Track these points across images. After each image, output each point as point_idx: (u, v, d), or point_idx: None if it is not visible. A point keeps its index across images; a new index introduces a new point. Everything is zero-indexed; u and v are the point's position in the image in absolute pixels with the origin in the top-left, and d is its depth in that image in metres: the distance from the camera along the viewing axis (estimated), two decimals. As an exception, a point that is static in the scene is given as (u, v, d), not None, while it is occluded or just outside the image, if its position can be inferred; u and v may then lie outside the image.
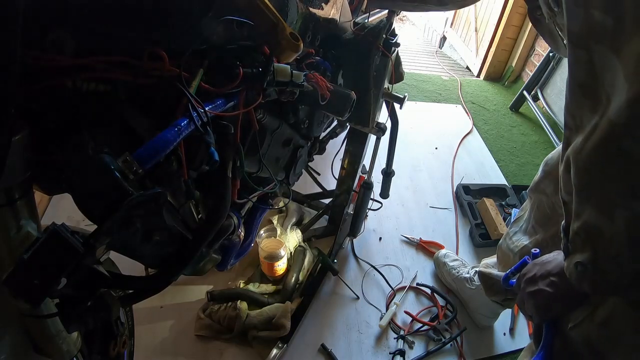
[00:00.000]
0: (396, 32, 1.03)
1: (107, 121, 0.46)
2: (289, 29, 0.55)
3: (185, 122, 0.45)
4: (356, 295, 1.35)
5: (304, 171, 1.10)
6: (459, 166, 2.04)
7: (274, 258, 1.26)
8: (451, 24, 3.58)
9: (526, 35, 2.73)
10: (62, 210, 1.41)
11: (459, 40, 3.47)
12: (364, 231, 1.54)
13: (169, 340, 1.15)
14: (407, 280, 1.43)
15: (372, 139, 1.17)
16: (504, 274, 0.72)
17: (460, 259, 1.44)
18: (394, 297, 1.36)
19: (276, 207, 1.28)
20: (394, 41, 0.99)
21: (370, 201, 1.43)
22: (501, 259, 1.16)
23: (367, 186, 1.30)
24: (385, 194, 1.38)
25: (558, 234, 0.52)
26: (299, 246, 1.38)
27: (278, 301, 1.21)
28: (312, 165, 1.47)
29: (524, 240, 1.04)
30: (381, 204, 1.56)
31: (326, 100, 0.72)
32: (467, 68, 3.30)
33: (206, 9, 0.47)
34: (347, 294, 1.35)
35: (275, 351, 1.12)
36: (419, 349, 1.23)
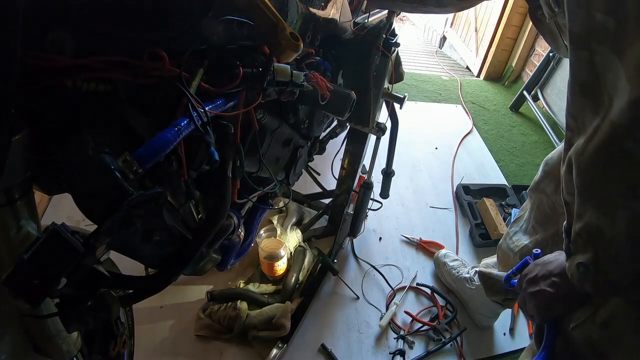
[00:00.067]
0: (396, 32, 1.03)
1: (107, 121, 0.46)
2: (289, 28, 0.55)
3: (185, 122, 0.45)
4: (356, 295, 1.35)
5: (304, 171, 1.10)
6: (459, 166, 2.04)
7: (274, 258, 1.26)
8: (451, 24, 3.58)
9: (526, 35, 2.73)
10: (62, 210, 1.41)
11: (459, 40, 3.47)
12: (364, 231, 1.54)
13: (169, 340, 1.15)
14: (407, 280, 1.43)
15: (372, 139, 1.17)
16: (505, 274, 0.72)
17: (460, 259, 1.44)
18: (394, 297, 1.36)
19: (276, 207, 1.28)
20: (394, 41, 0.99)
21: (370, 201, 1.43)
22: (501, 259, 1.16)
23: (367, 186, 1.30)
24: (385, 194, 1.38)
25: (558, 234, 0.52)
26: (299, 246, 1.38)
27: (278, 301, 1.21)
28: (312, 165, 1.47)
29: (524, 240, 1.04)
30: (381, 204, 1.56)
31: (326, 100, 0.72)
32: (467, 68, 3.30)
33: (206, 9, 0.47)
34: (347, 294, 1.35)
35: (275, 351, 1.12)
36: (419, 349, 1.23)
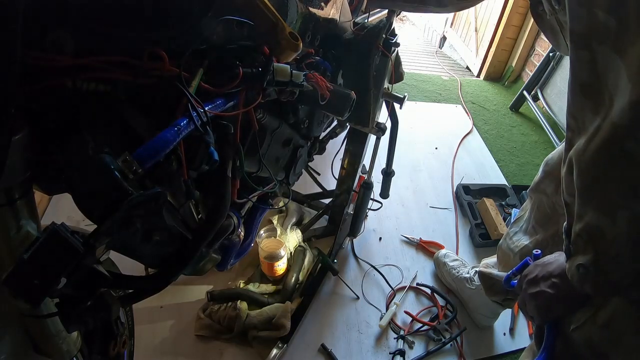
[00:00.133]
0: (396, 32, 1.03)
1: (107, 121, 0.46)
2: (288, 28, 0.55)
3: (185, 121, 0.45)
4: (356, 295, 1.35)
5: (304, 171, 1.10)
6: (459, 166, 2.04)
7: (274, 258, 1.26)
8: (451, 24, 3.58)
9: (526, 35, 2.73)
10: (62, 210, 1.41)
11: (459, 40, 3.47)
12: (364, 231, 1.54)
13: (169, 340, 1.15)
14: (407, 280, 1.43)
15: (372, 139, 1.17)
16: (505, 275, 0.72)
17: (460, 259, 1.44)
18: (394, 297, 1.36)
19: (276, 207, 1.28)
20: (393, 41, 0.99)
21: (370, 201, 1.43)
22: (501, 259, 1.16)
23: (367, 186, 1.30)
24: (385, 194, 1.38)
25: (558, 234, 0.52)
26: (299, 246, 1.38)
27: (278, 301, 1.21)
28: (312, 165, 1.47)
29: (524, 241, 1.04)
30: (381, 204, 1.56)
31: (326, 100, 0.72)
32: (467, 68, 3.30)
33: (206, 9, 0.47)
34: (347, 294, 1.35)
35: (275, 351, 1.12)
36: (419, 349, 1.23)
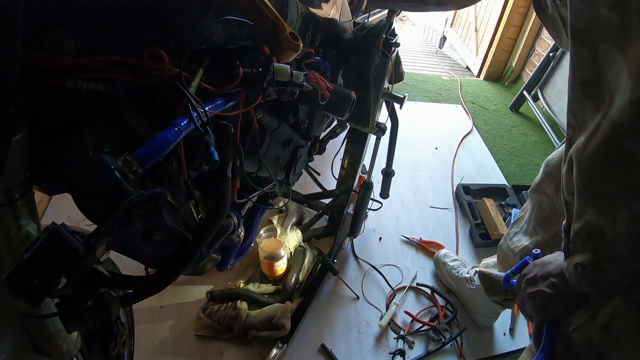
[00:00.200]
0: (396, 32, 1.03)
1: (107, 121, 0.46)
2: (288, 28, 0.55)
3: (185, 122, 0.45)
4: (356, 295, 1.35)
5: (304, 171, 1.10)
6: (459, 166, 2.04)
7: (274, 258, 1.26)
8: (451, 24, 3.58)
9: (526, 35, 2.73)
10: (62, 210, 1.41)
11: (459, 40, 3.47)
12: (364, 231, 1.54)
13: (169, 340, 1.15)
14: (407, 280, 1.43)
15: (372, 139, 1.17)
16: (504, 274, 0.72)
17: (460, 259, 1.44)
18: (394, 297, 1.36)
19: (276, 207, 1.28)
20: (394, 41, 0.99)
21: (370, 201, 1.43)
22: (501, 259, 1.16)
23: (367, 186, 1.30)
24: (385, 194, 1.38)
25: (558, 235, 0.52)
26: (299, 246, 1.38)
27: (278, 301, 1.21)
28: (312, 165, 1.47)
29: (524, 241, 1.04)
30: (381, 204, 1.56)
31: (326, 100, 0.72)
32: (467, 68, 3.30)
33: (206, 8, 0.47)
34: (347, 294, 1.35)
35: (275, 351, 1.12)
36: (419, 349, 1.23)
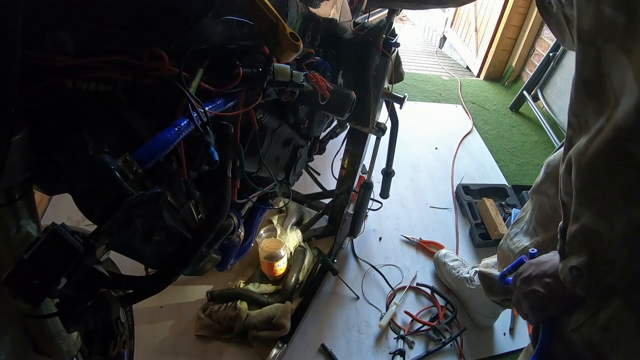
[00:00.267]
0: (396, 32, 1.03)
1: (107, 121, 0.46)
2: (289, 29, 0.55)
3: (185, 122, 0.45)
4: (356, 295, 1.35)
5: (304, 171, 1.10)
6: (459, 166, 2.04)
7: (274, 258, 1.26)
8: (451, 24, 3.58)
9: (526, 35, 2.73)
10: (62, 210, 1.41)
11: (459, 40, 3.46)
12: (364, 231, 1.54)
13: (169, 340, 1.15)
14: (407, 280, 1.43)
15: (372, 139, 1.17)
16: (501, 272, 0.72)
17: (460, 259, 1.44)
18: (394, 297, 1.36)
19: (276, 207, 1.28)
20: (394, 41, 0.99)
21: (370, 201, 1.43)
22: (502, 260, 1.16)
23: (367, 186, 1.30)
24: (385, 194, 1.38)
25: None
26: (299, 246, 1.38)
27: (278, 301, 1.21)
28: (312, 165, 1.47)
29: (524, 242, 1.04)
30: (381, 204, 1.56)
31: (326, 100, 0.72)
32: (467, 68, 3.30)
33: (206, 8, 0.47)
34: (347, 294, 1.35)
35: (275, 351, 1.12)
36: (419, 349, 1.23)
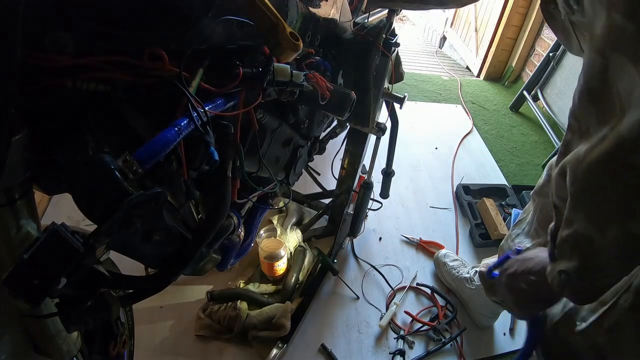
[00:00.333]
0: (396, 32, 1.03)
1: (107, 121, 0.46)
2: (289, 28, 0.55)
3: (185, 121, 0.45)
4: (356, 295, 1.35)
5: (304, 171, 1.10)
6: (459, 166, 2.04)
7: (274, 258, 1.26)
8: (451, 24, 3.58)
9: (526, 35, 2.73)
10: (62, 210, 1.41)
11: (459, 40, 3.47)
12: (364, 231, 1.54)
13: (169, 340, 1.15)
14: (407, 280, 1.43)
15: (372, 139, 1.17)
16: (489, 267, 0.71)
17: (460, 259, 1.44)
18: (394, 297, 1.36)
19: (276, 207, 1.28)
20: (394, 41, 0.99)
21: (370, 201, 1.43)
22: (501, 260, 1.16)
23: (367, 186, 1.30)
24: (385, 194, 1.38)
25: None
26: (299, 246, 1.38)
27: (278, 301, 1.21)
28: (312, 165, 1.47)
29: (526, 243, 1.04)
30: (381, 204, 1.56)
31: (326, 100, 0.72)
32: (467, 68, 3.30)
33: (206, 8, 0.47)
34: (347, 294, 1.35)
35: (275, 351, 1.12)
36: (419, 349, 1.23)
